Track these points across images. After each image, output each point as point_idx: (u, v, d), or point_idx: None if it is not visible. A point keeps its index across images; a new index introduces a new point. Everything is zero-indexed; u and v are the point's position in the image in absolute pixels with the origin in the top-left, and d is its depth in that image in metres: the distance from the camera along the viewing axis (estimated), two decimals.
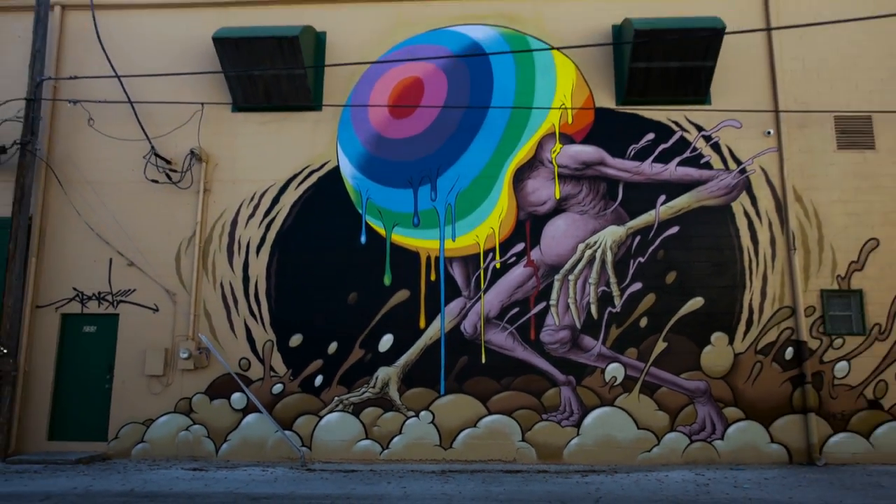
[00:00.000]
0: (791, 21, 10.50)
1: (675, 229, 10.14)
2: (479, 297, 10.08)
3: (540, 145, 10.42)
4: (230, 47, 10.22)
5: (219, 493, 7.62)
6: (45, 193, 10.60)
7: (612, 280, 10.04)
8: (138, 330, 10.28)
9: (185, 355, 9.98)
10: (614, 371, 9.85)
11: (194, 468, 9.13)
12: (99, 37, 10.36)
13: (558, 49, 10.49)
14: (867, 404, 9.63)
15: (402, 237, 10.30)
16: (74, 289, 10.45)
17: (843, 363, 9.74)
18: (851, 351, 9.77)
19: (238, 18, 10.99)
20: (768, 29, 10.25)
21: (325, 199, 10.46)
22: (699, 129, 10.39)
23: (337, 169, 10.55)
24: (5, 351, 9.81)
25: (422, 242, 10.27)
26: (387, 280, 10.21)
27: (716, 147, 10.33)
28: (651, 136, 10.38)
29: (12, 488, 7.81)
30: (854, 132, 10.28)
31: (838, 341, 9.80)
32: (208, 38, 10.77)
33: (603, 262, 10.07)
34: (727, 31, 9.87)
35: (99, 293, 10.43)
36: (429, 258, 10.23)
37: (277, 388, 10.03)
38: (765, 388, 9.73)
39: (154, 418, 10.05)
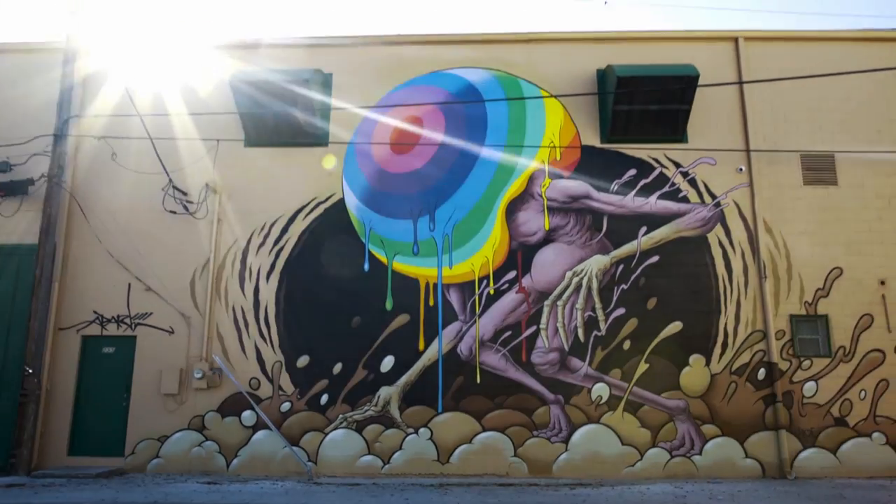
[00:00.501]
0: (760, 66, 11.51)
1: (655, 258, 10.99)
2: (475, 322, 10.86)
3: (531, 180, 11.29)
4: (245, 89, 11.08)
5: (249, 501, 8.30)
6: (68, 222, 11.36)
7: (598, 305, 10.85)
8: (155, 351, 10.98)
9: (199, 375, 10.68)
10: (600, 390, 10.62)
11: (208, 482, 9.80)
12: (123, 80, 11.21)
13: (554, 96, 11.40)
14: (834, 422, 10.44)
15: (403, 265, 11.10)
16: (95, 312, 11.17)
17: (812, 383, 10.56)
18: (819, 372, 10.59)
19: (251, 60, 11.86)
20: (740, 83, 11.25)
21: (330, 229, 11.27)
22: (677, 165, 11.29)
23: (342, 201, 11.37)
24: (30, 371, 10.49)
25: (421, 270, 11.07)
26: (388, 305, 10.98)
27: (692, 182, 11.23)
28: (633, 171, 11.28)
29: (42, 500, 8.45)
30: (818, 169, 11.21)
31: (806, 363, 10.63)
32: (224, 79, 11.63)
33: (589, 288, 10.89)
34: (700, 83, 10.86)
35: (118, 316, 11.15)
36: (427, 285, 11.03)
37: (285, 406, 10.74)
38: (739, 407, 10.52)
39: (168, 435, 10.72)
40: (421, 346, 10.83)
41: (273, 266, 11.20)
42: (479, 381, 10.69)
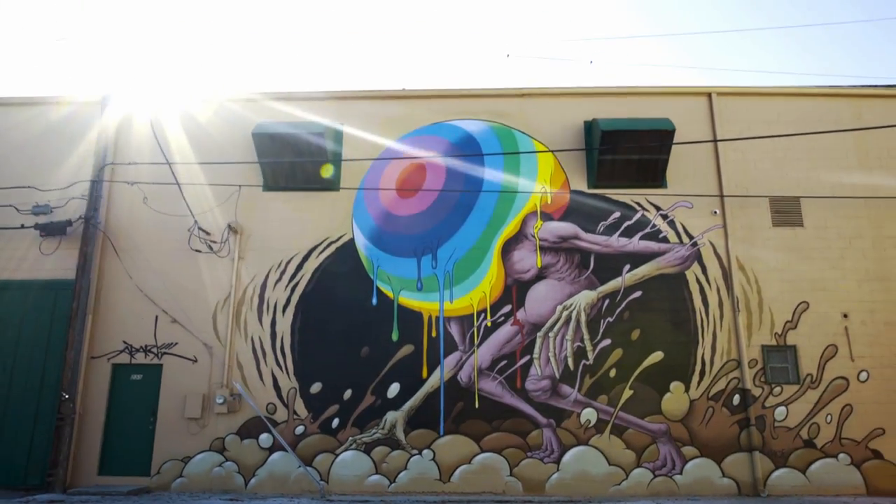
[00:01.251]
0: (732, 119, 12.79)
1: (638, 293, 12.11)
2: (473, 352, 11.93)
3: (524, 222, 12.46)
4: (265, 140, 12.32)
5: None
6: (102, 260, 12.48)
7: (586, 337, 11.93)
8: (179, 378, 12.02)
9: (221, 401, 11.71)
10: (588, 415, 11.64)
11: (231, 499, 10.77)
12: (153, 128, 12.46)
13: (546, 151, 12.65)
14: (803, 443, 11.45)
15: (408, 300, 12.20)
16: (124, 342, 12.23)
17: (782, 408, 11.59)
18: (788, 397, 11.63)
19: (269, 112, 13.12)
20: (714, 140, 12.52)
21: (341, 266, 12.40)
22: (657, 208, 12.47)
23: (352, 241, 12.52)
24: (66, 396, 11.53)
25: (424, 304, 12.17)
26: (394, 336, 12.05)
27: (671, 224, 12.40)
28: (617, 214, 12.46)
29: None
30: (786, 212, 12.39)
31: (777, 389, 11.67)
32: (245, 128, 12.89)
33: (578, 321, 11.98)
34: (677, 133, 12.11)
35: (145, 346, 12.21)
36: (430, 318, 12.12)
37: (299, 429, 11.74)
38: (716, 430, 11.54)
39: (191, 456, 11.70)
40: (424, 374, 11.88)
41: (289, 300, 12.30)
42: (477, 406, 11.72)
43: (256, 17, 49.39)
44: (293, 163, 12.44)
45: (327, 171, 12.62)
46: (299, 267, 12.44)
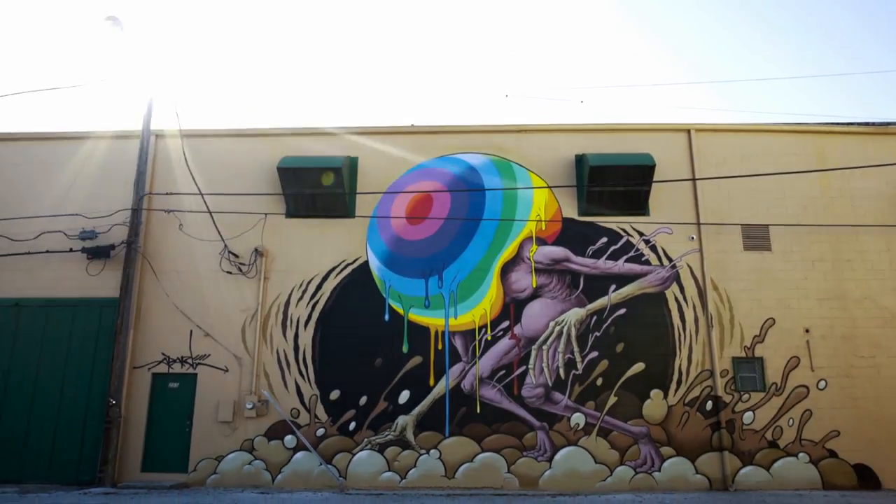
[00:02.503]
0: (709, 153, 14.45)
1: (623, 311, 13.73)
2: (475, 362, 13.56)
3: (521, 246, 14.09)
4: (289, 173, 13.95)
5: None
6: (142, 280, 14.12)
7: (576, 349, 13.56)
8: (212, 386, 13.66)
9: (250, 406, 13.35)
10: (577, 419, 13.27)
11: (262, 492, 12.41)
12: (186, 160, 14.10)
13: (541, 188, 14.28)
14: (767, 444, 13.08)
15: (416, 316, 13.83)
16: (163, 353, 13.87)
17: (750, 413, 13.21)
18: (755, 403, 13.26)
19: (291, 145, 14.75)
20: (693, 179, 14.15)
21: (357, 286, 14.03)
22: (640, 234, 14.10)
23: (366, 263, 14.15)
24: (113, 402, 13.16)
25: (431, 320, 13.80)
26: (405, 348, 13.68)
27: (653, 248, 14.02)
28: (605, 239, 14.08)
29: (142, 501, 11.05)
30: (756, 238, 14.02)
31: (746, 396, 13.30)
32: (269, 159, 14.53)
33: (568, 335, 13.61)
34: (658, 166, 13.76)
35: (182, 357, 13.84)
36: (437, 332, 13.75)
37: (320, 431, 13.37)
38: (691, 432, 13.16)
39: (224, 455, 13.33)
40: (431, 382, 13.50)
41: (310, 316, 13.93)
42: (479, 411, 13.35)
43: (277, 59, 56.55)
44: (313, 193, 14.06)
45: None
46: (319, 286, 14.07)
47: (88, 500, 11.41)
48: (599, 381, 13.43)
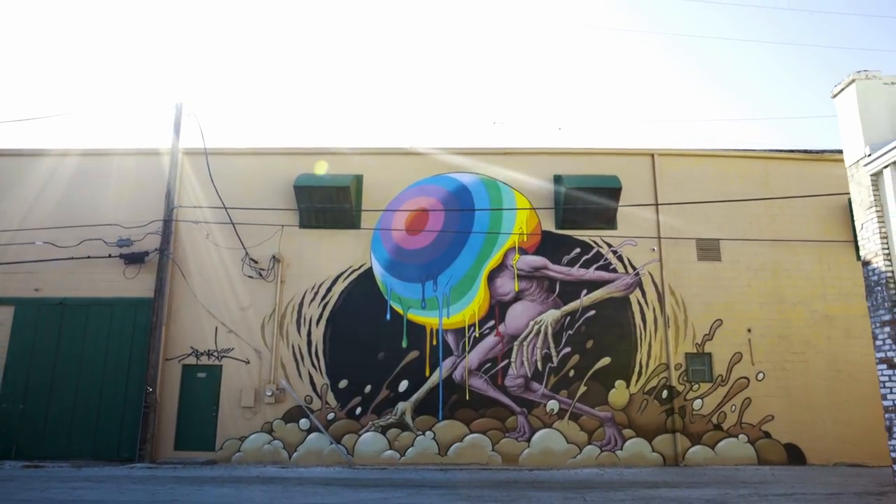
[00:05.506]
0: (670, 175, 17.03)
1: (592, 312, 16.35)
2: (465, 356, 16.12)
3: (505, 255, 16.64)
4: (304, 190, 16.36)
5: (312, 477, 13.44)
6: (172, 283, 16.48)
7: (552, 345, 16.16)
8: (235, 376, 16.10)
9: (269, 394, 15.82)
10: (552, 405, 15.88)
11: (281, 468, 14.91)
12: (211, 176, 16.45)
13: (525, 209, 16.81)
14: (713, 427, 15.79)
15: (414, 315, 16.35)
16: (191, 347, 16.27)
17: (699, 400, 15.92)
18: (704, 392, 15.96)
19: (304, 162, 17.13)
20: (656, 204, 16.69)
21: (362, 289, 16.51)
22: (609, 245, 16.70)
23: (370, 269, 16.62)
24: (150, 390, 15.56)
25: (427, 319, 16.33)
26: (404, 344, 16.20)
27: (619, 258, 16.63)
28: (578, 250, 16.67)
29: (180, 474, 13.51)
30: (708, 249, 16.68)
31: (696, 386, 15.99)
32: (285, 175, 16.92)
33: (545, 333, 16.20)
34: (624, 188, 16.33)
35: (208, 350, 16.25)
36: (432, 330, 16.28)
37: (330, 415, 15.87)
38: (649, 417, 15.84)
39: (247, 436, 15.80)
40: (427, 373, 16.04)
41: (321, 315, 16.40)
42: (468, 398, 15.92)
43: (292, 84, 66.53)
44: (324, 208, 16.49)
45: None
46: (329, 289, 16.52)
47: (136, 473, 13.85)
48: (571, 373, 16.04)
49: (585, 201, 16.40)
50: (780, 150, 17.43)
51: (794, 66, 64.91)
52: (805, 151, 17.42)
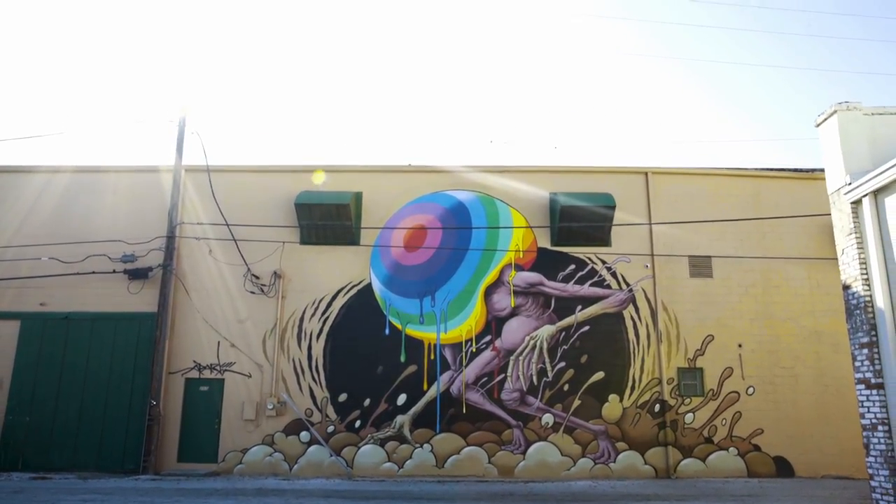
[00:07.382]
0: (663, 193, 17.68)
1: (587, 327, 16.98)
2: (462, 370, 16.73)
3: (502, 272, 17.27)
4: (304, 207, 16.98)
5: (312, 490, 14.05)
6: (176, 298, 17.09)
7: (547, 360, 16.79)
8: (237, 389, 16.70)
9: (270, 407, 16.42)
10: (547, 418, 16.50)
11: (282, 479, 15.50)
12: (213, 193, 17.06)
13: (522, 227, 17.45)
14: (704, 440, 16.42)
15: (412, 330, 16.97)
16: (194, 361, 16.87)
17: (690, 414, 16.55)
18: (695, 406, 16.59)
19: (305, 180, 17.76)
20: (649, 224, 17.34)
21: (361, 304, 17.13)
22: (603, 262, 17.34)
23: (369, 285, 17.24)
24: (154, 402, 16.15)
25: (425, 334, 16.95)
26: (402, 358, 16.81)
27: (613, 274, 17.28)
28: (573, 266, 17.31)
29: (184, 486, 14.10)
30: (700, 266, 17.33)
31: (688, 400, 16.62)
32: (285, 192, 17.54)
33: (541, 348, 16.82)
34: (618, 206, 16.98)
35: (211, 364, 16.85)
36: (429, 344, 16.90)
37: (330, 428, 16.48)
38: (642, 430, 16.46)
39: (248, 448, 16.39)
40: (425, 387, 16.66)
41: (321, 330, 17.01)
42: (465, 411, 16.54)
43: (292, 102, 68.82)
44: (325, 224, 17.11)
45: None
46: (329, 304, 17.14)
47: (141, 485, 14.44)
48: (566, 387, 16.66)
49: (580, 218, 17.05)
50: (771, 169, 18.09)
51: (805, 87, 67.24)
52: (795, 170, 18.09)
